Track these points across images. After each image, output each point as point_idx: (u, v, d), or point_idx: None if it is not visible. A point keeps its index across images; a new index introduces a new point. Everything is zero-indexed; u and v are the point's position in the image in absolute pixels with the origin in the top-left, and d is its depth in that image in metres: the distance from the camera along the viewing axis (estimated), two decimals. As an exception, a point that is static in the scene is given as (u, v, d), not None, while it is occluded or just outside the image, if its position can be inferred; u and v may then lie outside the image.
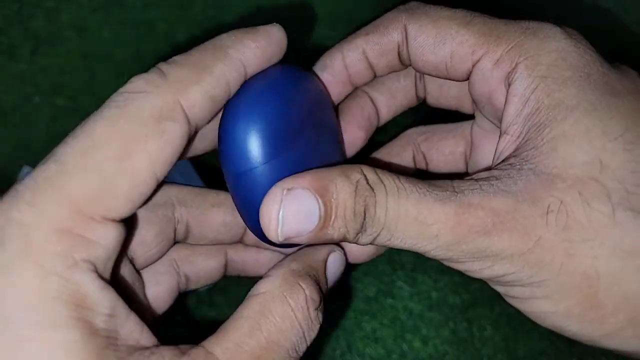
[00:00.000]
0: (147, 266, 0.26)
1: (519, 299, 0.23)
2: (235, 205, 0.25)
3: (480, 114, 0.29)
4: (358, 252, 0.28)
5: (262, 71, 0.24)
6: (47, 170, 0.20)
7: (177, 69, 0.22)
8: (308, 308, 0.23)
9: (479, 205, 0.22)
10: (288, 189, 0.22)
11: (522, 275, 0.22)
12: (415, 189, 0.22)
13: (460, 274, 0.41)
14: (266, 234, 0.23)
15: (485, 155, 0.29)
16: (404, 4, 0.27)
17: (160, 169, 0.21)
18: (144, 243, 0.25)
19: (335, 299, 0.38)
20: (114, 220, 0.21)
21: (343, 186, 0.22)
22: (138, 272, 0.26)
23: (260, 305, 0.23)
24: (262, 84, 0.24)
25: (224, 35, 0.23)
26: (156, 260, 0.27)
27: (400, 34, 0.26)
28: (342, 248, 0.27)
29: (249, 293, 0.24)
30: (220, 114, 0.25)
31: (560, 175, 0.22)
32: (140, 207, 0.22)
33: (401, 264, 0.39)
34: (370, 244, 0.23)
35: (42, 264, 0.19)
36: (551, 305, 0.23)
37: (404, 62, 0.27)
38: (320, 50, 0.44)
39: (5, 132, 0.41)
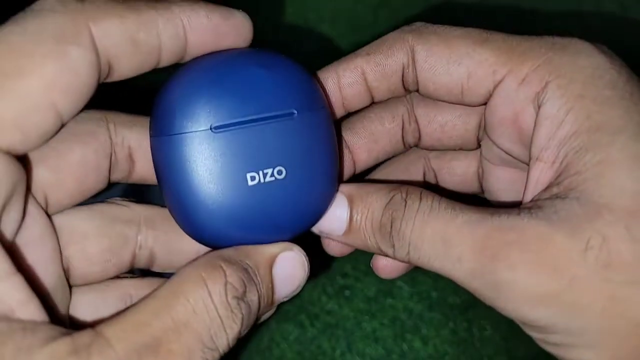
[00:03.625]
0: (86, 284, 0.23)
1: (557, 346, 0.21)
2: (162, 188, 0.22)
3: (488, 145, 0.26)
4: (389, 266, 0.26)
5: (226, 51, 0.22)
6: None
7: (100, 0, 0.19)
8: (226, 294, 0.20)
9: (510, 229, 0.20)
10: None
11: (556, 321, 0.20)
12: (450, 210, 0.21)
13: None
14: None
15: (497, 181, 0.27)
16: (406, 11, 0.25)
17: (61, 100, 0.18)
18: (84, 254, 0.22)
19: (335, 299, 0.38)
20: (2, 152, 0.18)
21: (377, 198, 0.23)
22: (69, 284, 0.23)
23: (174, 284, 0.20)
24: (214, 56, 0.22)
25: None
26: (99, 281, 0.23)
27: (406, 55, 0.24)
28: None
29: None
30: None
31: (607, 205, 0.19)
32: (38, 144, 0.19)
33: (401, 264, 0.39)
34: (408, 262, 0.22)
35: None
36: (595, 355, 0.20)
37: (408, 87, 0.25)
38: (320, 50, 0.44)
39: (5, 132, 0.41)
